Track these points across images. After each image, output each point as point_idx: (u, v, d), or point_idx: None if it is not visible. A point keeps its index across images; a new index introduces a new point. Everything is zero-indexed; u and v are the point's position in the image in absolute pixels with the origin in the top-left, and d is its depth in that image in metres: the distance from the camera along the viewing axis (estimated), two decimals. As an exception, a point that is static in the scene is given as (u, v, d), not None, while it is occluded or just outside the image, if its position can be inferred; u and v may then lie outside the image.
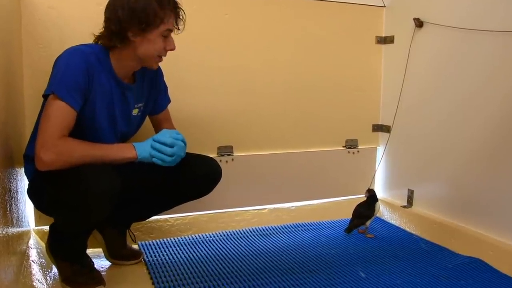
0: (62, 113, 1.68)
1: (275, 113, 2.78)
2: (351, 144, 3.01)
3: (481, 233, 2.34)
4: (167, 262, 2.21)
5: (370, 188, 2.75)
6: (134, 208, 2.14)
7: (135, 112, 2.00)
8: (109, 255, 2.17)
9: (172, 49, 1.87)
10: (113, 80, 1.85)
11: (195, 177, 2.03)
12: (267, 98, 2.74)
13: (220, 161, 2.55)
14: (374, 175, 3.06)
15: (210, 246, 2.43)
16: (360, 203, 2.68)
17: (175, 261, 2.22)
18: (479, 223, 2.37)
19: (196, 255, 2.31)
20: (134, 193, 2.03)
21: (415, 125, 2.77)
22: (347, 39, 2.92)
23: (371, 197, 2.64)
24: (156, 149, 1.78)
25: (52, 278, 1.97)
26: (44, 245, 2.10)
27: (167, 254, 2.31)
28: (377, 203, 2.63)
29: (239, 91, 2.67)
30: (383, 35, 3.00)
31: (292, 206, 2.89)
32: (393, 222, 2.88)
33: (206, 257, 2.29)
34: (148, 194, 2.08)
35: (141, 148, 1.77)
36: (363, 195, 2.70)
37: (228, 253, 2.35)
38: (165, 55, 1.89)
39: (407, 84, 2.81)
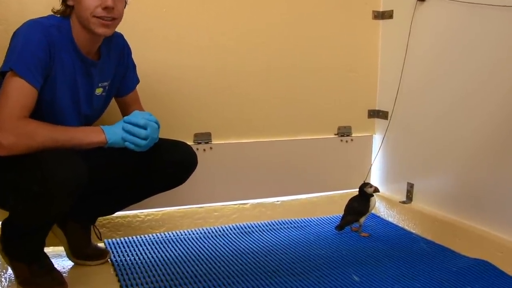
0: (21, 91, 1.69)
1: (259, 97, 2.77)
2: (344, 132, 3.02)
3: (489, 232, 2.36)
4: (136, 263, 2.21)
5: (366, 181, 2.76)
6: (99, 200, 2.14)
7: (98, 91, 1.99)
8: (71, 254, 2.16)
9: (107, 7, 1.77)
10: (76, 56, 1.86)
11: (166, 164, 2.04)
12: (250, 79, 2.73)
13: (197, 149, 2.54)
14: (370, 166, 3.08)
15: (185, 245, 2.44)
16: (354, 197, 2.69)
17: (146, 262, 2.22)
18: (486, 220, 2.39)
19: (169, 255, 2.32)
20: (100, 183, 2.02)
21: (417, 111, 2.78)
22: (340, 14, 2.91)
23: (363, 191, 2.64)
24: (129, 132, 1.78)
25: (8, 280, 1.97)
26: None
27: (136, 254, 2.31)
28: (373, 198, 2.64)
29: (218, 70, 2.65)
30: (381, 10, 3.00)
31: (277, 201, 2.90)
32: (390, 219, 2.90)
33: (180, 257, 2.29)
34: (116, 184, 2.08)
35: (111, 132, 1.77)
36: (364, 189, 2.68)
37: (205, 253, 2.35)
38: (104, 14, 1.78)
39: (408, 65, 2.81)
